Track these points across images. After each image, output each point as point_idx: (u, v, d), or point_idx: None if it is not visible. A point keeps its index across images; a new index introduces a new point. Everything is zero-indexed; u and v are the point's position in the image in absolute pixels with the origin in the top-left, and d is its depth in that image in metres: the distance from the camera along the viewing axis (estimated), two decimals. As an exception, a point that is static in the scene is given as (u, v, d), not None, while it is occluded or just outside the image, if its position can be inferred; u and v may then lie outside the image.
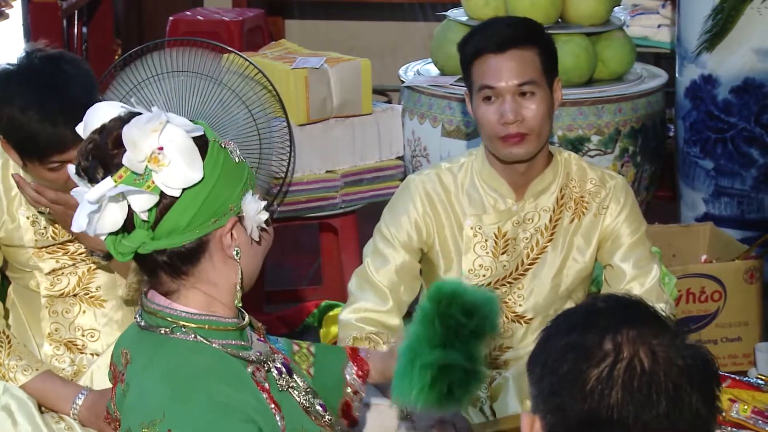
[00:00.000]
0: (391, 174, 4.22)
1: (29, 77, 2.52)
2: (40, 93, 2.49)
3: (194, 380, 1.76)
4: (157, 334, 1.83)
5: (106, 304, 2.81)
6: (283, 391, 1.91)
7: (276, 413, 1.82)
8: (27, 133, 2.48)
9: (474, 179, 2.84)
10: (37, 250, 2.73)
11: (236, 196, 1.81)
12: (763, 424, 2.84)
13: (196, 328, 1.82)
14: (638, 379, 1.32)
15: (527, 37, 2.73)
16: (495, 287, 2.84)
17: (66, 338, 2.81)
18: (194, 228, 1.78)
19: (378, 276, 2.81)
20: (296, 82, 3.96)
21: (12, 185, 2.69)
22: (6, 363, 2.67)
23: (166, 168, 1.73)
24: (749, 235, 4.05)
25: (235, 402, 1.75)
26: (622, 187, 2.86)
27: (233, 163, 1.82)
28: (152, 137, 1.73)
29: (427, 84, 4.17)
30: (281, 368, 1.94)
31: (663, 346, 1.34)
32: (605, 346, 1.34)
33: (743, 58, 4.06)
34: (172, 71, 3.63)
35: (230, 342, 1.85)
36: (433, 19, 5.84)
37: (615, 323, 1.36)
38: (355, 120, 4.12)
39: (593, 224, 2.84)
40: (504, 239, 2.83)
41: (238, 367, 1.83)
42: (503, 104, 2.69)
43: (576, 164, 2.86)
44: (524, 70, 2.69)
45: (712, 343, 3.63)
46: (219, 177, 1.78)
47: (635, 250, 2.83)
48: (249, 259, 1.86)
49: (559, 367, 1.36)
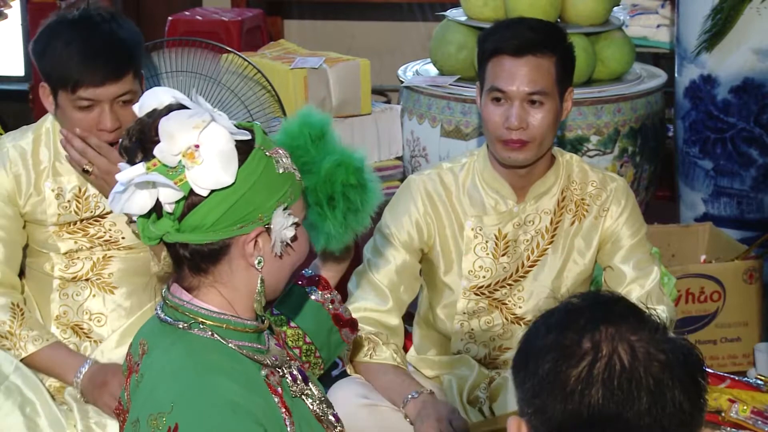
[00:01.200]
0: (390, 174, 4.22)
1: (80, 21, 2.65)
2: (86, 32, 2.63)
3: (205, 377, 1.77)
4: (176, 328, 1.83)
5: (117, 290, 2.84)
6: (296, 397, 1.91)
7: (286, 418, 1.82)
8: (66, 64, 2.59)
9: (475, 179, 2.84)
10: (57, 228, 2.77)
11: (269, 206, 1.80)
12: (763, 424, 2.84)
13: (214, 326, 1.83)
14: (618, 377, 1.31)
15: (547, 43, 2.71)
16: (495, 289, 2.84)
17: (73, 321, 2.83)
18: (218, 229, 1.78)
19: (378, 276, 2.81)
20: (295, 82, 3.96)
21: (42, 159, 2.76)
22: (17, 333, 2.74)
23: (199, 166, 1.74)
24: (748, 235, 4.04)
25: (243, 402, 1.75)
26: (622, 189, 2.85)
27: (275, 173, 1.81)
28: (192, 133, 1.73)
29: (426, 84, 4.17)
30: (296, 375, 1.94)
31: (642, 342, 1.33)
32: (584, 345, 1.34)
33: (742, 58, 4.05)
34: (171, 71, 3.63)
35: (246, 343, 1.85)
36: (432, 19, 5.84)
37: (593, 321, 1.35)
38: (354, 120, 4.12)
39: (594, 226, 2.83)
40: (504, 241, 2.82)
41: (251, 369, 1.84)
42: (510, 109, 2.69)
43: (578, 166, 2.85)
44: (537, 78, 2.68)
45: (711, 344, 3.63)
46: (254, 184, 1.78)
47: (635, 252, 2.82)
48: (272, 271, 1.85)
49: (540, 368, 1.35)
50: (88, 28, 2.64)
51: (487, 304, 2.85)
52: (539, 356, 1.36)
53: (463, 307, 2.85)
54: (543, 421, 1.35)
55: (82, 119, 2.63)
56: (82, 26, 2.64)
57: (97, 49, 2.61)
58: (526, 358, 1.39)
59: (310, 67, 4.00)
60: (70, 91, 2.61)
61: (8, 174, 2.75)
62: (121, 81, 2.63)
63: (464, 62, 4.15)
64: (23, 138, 2.79)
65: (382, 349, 2.74)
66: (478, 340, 2.89)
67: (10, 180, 2.75)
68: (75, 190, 2.77)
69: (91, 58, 2.59)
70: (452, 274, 2.85)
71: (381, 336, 2.76)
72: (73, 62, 2.60)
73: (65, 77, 2.61)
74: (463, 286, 2.84)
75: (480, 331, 2.88)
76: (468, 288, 2.84)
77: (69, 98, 2.62)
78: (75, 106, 2.63)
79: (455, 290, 2.85)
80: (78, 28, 2.63)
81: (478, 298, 2.84)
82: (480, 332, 2.88)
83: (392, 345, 2.76)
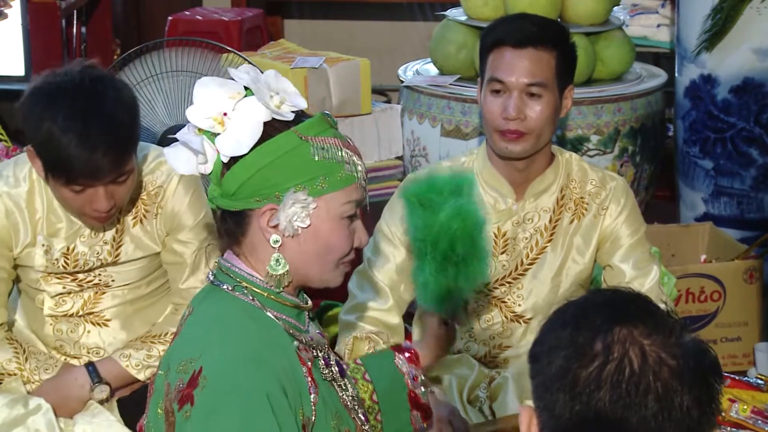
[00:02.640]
0: (391, 174, 4.22)
1: (76, 97, 2.45)
2: (85, 117, 2.43)
3: (236, 329, 1.83)
4: (221, 290, 1.89)
5: (111, 323, 2.80)
6: (326, 380, 1.94)
7: (311, 386, 1.86)
8: (63, 155, 2.42)
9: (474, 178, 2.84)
10: (45, 275, 2.72)
11: (287, 187, 1.83)
12: (763, 423, 2.84)
13: (256, 293, 1.89)
14: (627, 381, 1.31)
15: (548, 37, 2.73)
16: (494, 286, 2.84)
17: (71, 354, 2.80)
18: (239, 199, 1.85)
19: (379, 274, 2.81)
20: (295, 81, 3.93)
21: (37, 209, 2.66)
22: (27, 368, 2.70)
23: (223, 133, 1.82)
24: (748, 235, 4.04)
25: (268, 358, 1.81)
26: (622, 188, 2.85)
27: (308, 158, 1.84)
28: (224, 101, 1.83)
29: (426, 84, 4.17)
30: (331, 362, 1.97)
31: (655, 346, 1.33)
32: (596, 346, 1.33)
33: (742, 58, 4.05)
34: (171, 71, 3.63)
35: (284, 316, 1.90)
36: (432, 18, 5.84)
37: (608, 322, 1.35)
38: (354, 120, 4.12)
39: (593, 225, 2.83)
40: (503, 239, 2.82)
41: (284, 338, 1.88)
42: (509, 99, 2.70)
43: (577, 165, 2.85)
44: (537, 70, 2.69)
45: (711, 343, 3.57)
46: (274, 161, 1.83)
47: (635, 251, 2.82)
48: (294, 256, 1.88)
49: (552, 364, 1.35)
50: (84, 109, 2.43)
51: (486, 303, 2.85)
52: (552, 351, 1.36)
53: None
54: (551, 416, 1.35)
55: (75, 198, 2.50)
56: (78, 106, 2.43)
57: (97, 142, 2.41)
58: (540, 350, 1.39)
59: (310, 67, 4.00)
60: (64, 182, 2.46)
61: (8, 221, 2.65)
62: (120, 169, 2.49)
63: (464, 62, 4.15)
64: (18, 187, 2.66)
65: (383, 348, 2.74)
66: (478, 339, 2.89)
67: (9, 227, 2.65)
68: (63, 249, 2.68)
69: (90, 151, 2.40)
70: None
71: (381, 335, 2.76)
72: (72, 157, 2.41)
73: (60, 170, 2.45)
74: (462, 284, 2.84)
75: (480, 330, 2.88)
76: (468, 287, 2.84)
77: (64, 184, 2.48)
78: (68, 188, 2.48)
79: (455, 289, 2.85)
80: (74, 108, 2.42)
81: (477, 296, 2.84)
82: (480, 331, 2.88)
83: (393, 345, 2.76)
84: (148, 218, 2.72)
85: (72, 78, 2.48)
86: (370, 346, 2.74)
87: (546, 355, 1.37)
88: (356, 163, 1.89)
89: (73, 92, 2.46)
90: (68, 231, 2.68)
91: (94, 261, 2.71)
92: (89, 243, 2.69)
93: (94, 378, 2.70)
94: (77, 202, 2.51)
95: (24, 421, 2.61)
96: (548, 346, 1.37)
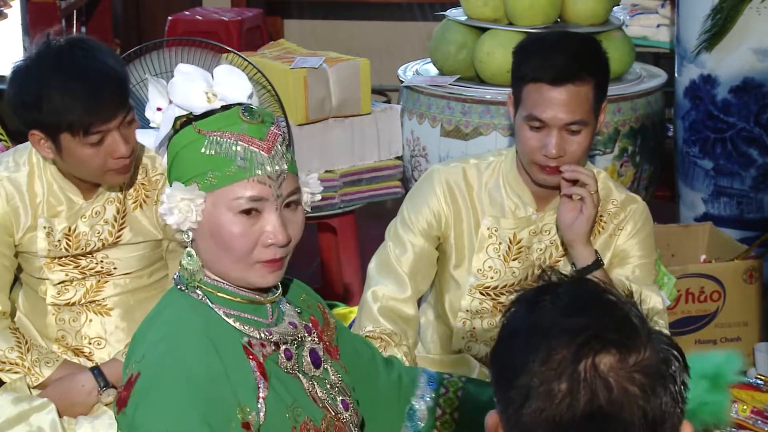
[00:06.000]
0: (390, 174, 4.22)
1: (58, 59, 2.57)
2: (76, 69, 2.55)
3: (178, 338, 1.84)
4: (178, 290, 1.91)
5: (113, 312, 2.82)
6: (288, 373, 1.92)
7: (259, 381, 1.85)
8: (69, 107, 2.53)
9: (499, 180, 2.82)
10: (48, 261, 2.74)
11: (185, 180, 1.87)
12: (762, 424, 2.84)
13: (207, 291, 1.89)
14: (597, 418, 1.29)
15: (584, 69, 2.65)
16: (501, 292, 2.83)
17: (73, 345, 2.81)
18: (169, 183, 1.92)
19: (398, 261, 2.82)
20: (295, 81, 3.96)
21: (37, 192, 2.72)
22: (28, 359, 2.72)
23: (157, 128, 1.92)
24: (748, 235, 4.04)
25: (203, 371, 1.80)
26: (641, 211, 2.83)
27: (199, 152, 1.85)
28: (163, 98, 1.91)
29: (426, 84, 4.17)
30: (303, 354, 1.96)
31: (618, 376, 1.29)
32: (562, 387, 1.30)
33: (742, 58, 4.05)
34: (171, 71, 3.63)
35: (235, 312, 1.89)
36: (431, 18, 5.84)
37: (573, 356, 1.30)
38: (354, 120, 4.12)
39: (607, 244, 2.82)
40: (518, 245, 2.82)
41: (231, 335, 1.87)
42: (548, 137, 2.65)
43: (603, 183, 2.80)
44: (576, 108, 2.63)
45: (711, 343, 3.63)
46: (176, 156, 1.88)
47: (640, 271, 2.80)
48: (202, 251, 1.90)
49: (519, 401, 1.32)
50: (76, 67, 2.56)
51: (491, 306, 2.84)
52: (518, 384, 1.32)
53: (467, 304, 2.86)
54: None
55: (95, 154, 2.59)
56: (69, 67, 2.56)
57: (99, 87, 2.55)
58: (503, 363, 1.36)
59: (310, 67, 4.00)
60: (81, 134, 2.55)
61: (8, 205, 2.71)
62: (125, 106, 2.61)
63: (464, 62, 4.15)
64: (18, 171, 2.72)
65: (393, 351, 2.74)
66: (480, 339, 2.89)
67: (9, 212, 2.70)
68: (65, 230, 2.72)
69: (95, 97, 2.53)
70: (461, 270, 2.85)
71: (394, 337, 2.76)
72: (79, 106, 2.53)
73: (73, 123, 2.54)
74: (470, 283, 2.84)
75: (482, 331, 2.88)
76: (474, 286, 2.84)
77: (79, 140, 2.56)
78: (85, 144, 2.57)
79: (462, 286, 2.85)
80: (66, 71, 2.55)
81: (483, 298, 2.84)
82: (482, 331, 2.88)
83: (404, 347, 2.76)
84: (148, 204, 2.79)
85: (40, 50, 2.59)
86: (381, 346, 2.74)
87: (512, 375, 1.32)
88: (255, 159, 1.84)
89: (52, 57, 2.56)
90: (69, 211, 2.73)
91: (95, 242, 2.74)
92: (90, 223, 2.74)
93: (101, 383, 2.72)
94: (98, 158, 2.59)
95: (27, 418, 2.63)
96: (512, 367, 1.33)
